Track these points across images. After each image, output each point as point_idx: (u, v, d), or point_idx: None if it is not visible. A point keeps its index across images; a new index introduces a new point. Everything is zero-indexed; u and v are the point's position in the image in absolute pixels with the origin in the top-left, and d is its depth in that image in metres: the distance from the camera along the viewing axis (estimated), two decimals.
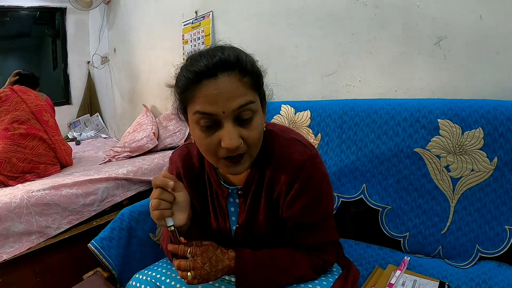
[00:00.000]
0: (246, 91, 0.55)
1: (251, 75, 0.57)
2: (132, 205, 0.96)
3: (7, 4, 2.75)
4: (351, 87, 1.22)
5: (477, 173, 0.81)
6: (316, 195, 0.64)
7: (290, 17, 1.37)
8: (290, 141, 0.65)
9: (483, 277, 0.74)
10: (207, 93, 0.53)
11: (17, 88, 1.71)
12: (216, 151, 0.57)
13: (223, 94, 0.53)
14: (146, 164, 1.61)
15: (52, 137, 1.70)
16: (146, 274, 0.70)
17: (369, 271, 0.85)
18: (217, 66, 0.54)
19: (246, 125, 0.56)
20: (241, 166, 0.59)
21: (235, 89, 0.54)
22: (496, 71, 0.90)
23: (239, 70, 0.55)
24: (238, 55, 0.56)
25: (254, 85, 0.57)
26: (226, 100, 0.53)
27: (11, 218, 1.16)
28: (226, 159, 0.57)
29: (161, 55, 2.20)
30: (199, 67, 0.54)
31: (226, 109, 0.53)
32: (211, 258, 0.61)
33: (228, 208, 0.71)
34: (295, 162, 0.62)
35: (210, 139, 0.56)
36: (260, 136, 0.59)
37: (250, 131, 0.56)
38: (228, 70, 0.54)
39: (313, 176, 0.62)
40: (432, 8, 0.99)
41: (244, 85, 0.55)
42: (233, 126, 0.54)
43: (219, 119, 0.54)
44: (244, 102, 0.54)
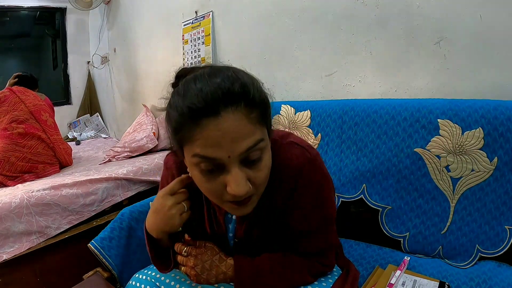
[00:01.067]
0: (254, 128, 0.47)
1: (260, 107, 0.49)
2: (132, 205, 0.96)
3: (7, 4, 2.75)
4: (351, 87, 1.22)
5: (477, 173, 0.81)
6: (317, 201, 0.61)
7: (290, 17, 1.37)
8: (288, 146, 0.61)
9: (483, 277, 0.74)
10: (208, 135, 0.45)
11: (15, 89, 1.71)
12: (220, 195, 0.51)
13: (227, 136, 0.45)
14: (146, 164, 1.61)
15: (51, 136, 1.71)
16: (146, 274, 0.70)
17: (369, 271, 0.85)
18: (219, 100, 0.45)
19: (254, 166, 0.50)
20: (249, 207, 0.54)
21: (242, 128, 0.46)
22: (496, 71, 0.90)
23: (246, 104, 0.46)
24: (243, 83, 0.47)
25: (263, 118, 0.49)
26: (232, 143, 0.46)
27: (11, 218, 1.16)
28: (232, 202, 0.51)
29: (161, 55, 2.20)
30: (196, 102, 0.45)
31: (232, 153, 0.46)
32: (204, 262, 0.59)
33: (225, 224, 0.66)
34: (294, 168, 0.58)
35: (212, 183, 0.50)
36: (268, 173, 0.53)
37: (258, 171, 0.50)
38: (233, 105, 0.45)
39: (313, 180, 0.59)
40: (432, 8, 0.99)
41: (252, 121, 0.47)
42: (240, 171, 0.48)
43: (224, 163, 0.47)
44: (252, 143, 0.47)
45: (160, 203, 0.59)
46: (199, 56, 1.85)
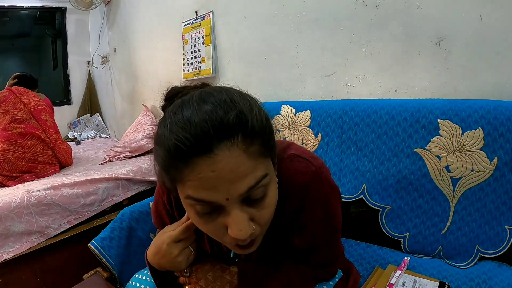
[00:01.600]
0: (255, 164, 0.41)
1: (261, 137, 0.41)
2: (132, 205, 0.96)
3: (7, 4, 2.75)
4: (351, 87, 1.22)
5: (477, 173, 0.81)
6: (324, 216, 0.57)
7: (290, 17, 1.37)
8: (290, 160, 0.55)
9: (483, 277, 0.74)
10: (200, 178, 0.39)
11: (15, 89, 1.71)
12: (221, 236, 0.45)
13: (224, 177, 0.39)
14: (146, 164, 1.61)
15: (51, 136, 1.70)
16: (146, 274, 0.70)
17: (369, 271, 0.85)
18: (211, 136, 0.38)
19: (258, 204, 0.43)
20: (253, 247, 0.48)
21: (241, 166, 0.39)
22: (496, 71, 0.90)
23: (244, 136, 0.39)
24: (239, 110, 0.40)
25: (265, 149, 0.42)
26: (230, 184, 0.39)
27: (11, 218, 1.16)
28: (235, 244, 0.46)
29: (161, 55, 2.20)
30: (183, 138, 0.38)
31: (231, 195, 0.40)
32: (207, 274, 0.57)
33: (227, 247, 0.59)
34: (299, 185, 0.53)
35: (211, 225, 0.44)
36: (274, 210, 0.47)
37: (262, 210, 0.44)
38: (228, 139, 0.38)
39: (320, 196, 0.55)
40: (432, 8, 0.99)
41: (252, 156, 0.40)
42: (241, 212, 0.42)
43: (222, 205, 0.42)
44: (254, 181, 0.41)
45: (164, 249, 0.54)
46: (199, 56, 1.85)
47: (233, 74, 1.70)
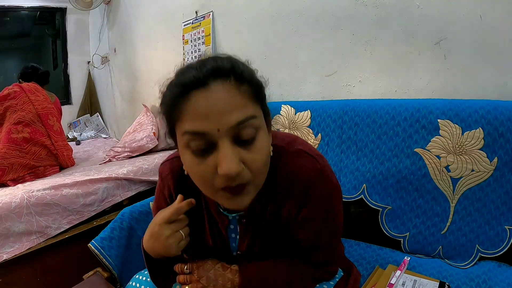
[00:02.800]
0: (245, 102, 0.45)
1: (250, 85, 0.47)
2: (132, 205, 0.96)
3: (7, 4, 2.75)
4: (351, 87, 1.22)
5: (477, 173, 0.81)
6: (327, 214, 0.58)
7: (290, 17, 1.37)
8: (296, 155, 0.56)
9: (483, 277, 0.74)
10: (196, 107, 0.44)
11: (26, 86, 1.67)
12: (212, 181, 0.46)
13: (216, 106, 0.43)
14: (146, 164, 1.61)
15: (56, 142, 1.69)
16: (146, 275, 0.70)
17: (369, 271, 0.85)
18: (208, 74, 0.44)
19: (248, 146, 0.46)
20: (245, 198, 0.48)
21: (232, 99, 0.44)
22: (496, 71, 0.90)
23: (235, 78, 0.45)
24: (233, 60, 0.48)
25: (256, 97, 0.48)
26: (221, 114, 0.43)
27: (11, 218, 1.16)
28: (225, 190, 0.47)
29: (161, 55, 2.20)
30: (186, 77, 0.45)
31: (221, 125, 0.43)
32: (208, 272, 0.58)
33: (228, 235, 0.62)
34: (304, 181, 0.54)
35: (204, 166, 0.46)
36: (267, 160, 0.49)
37: (253, 154, 0.46)
38: (222, 77, 0.45)
39: (323, 194, 0.56)
40: (432, 8, 0.99)
41: (242, 95, 0.45)
42: (231, 147, 0.44)
43: (214, 140, 0.44)
44: (243, 117, 0.44)
45: (157, 231, 0.55)
46: (200, 56, 1.84)
47: None
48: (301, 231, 0.58)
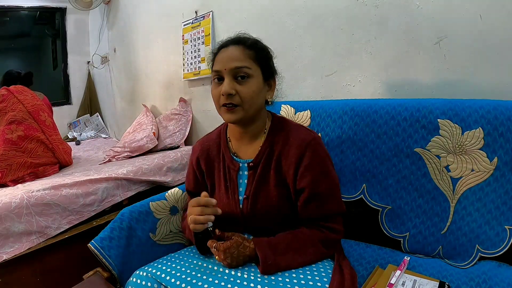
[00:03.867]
0: (245, 59, 0.73)
1: (254, 50, 0.75)
2: (132, 205, 0.96)
3: (7, 4, 2.75)
4: (351, 87, 1.22)
5: (477, 173, 0.81)
6: (323, 169, 0.75)
7: (290, 17, 1.37)
8: (297, 125, 0.81)
9: (483, 277, 0.74)
10: (219, 57, 0.76)
11: (13, 88, 1.69)
12: (218, 99, 0.74)
13: (227, 57, 0.74)
14: (146, 164, 1.61)
15: (50, 136, 1.70)
16: (147, 271, 0.71)
17: (369, 271, 0.85)
18: (230, 41, 0.78)
19: (241, 82, 0.73)
20: (234, 115, 0.73)
21: (237, 55, 0.73)
22: (496, 71, 0.90)
23: (244, 45, 0.75)
24: (246, 36, 0.79)
25: (256, 58, 0.75)
26: (228, 61, 0.73)
27: (11, 218, 1.16)
28: (224, 106, 0.73)
29: (161, 55, 2.20)
30: (221, 42, 0.80)
31: (227, 67, 0.73)
32: (232, 254, 0.69)
33: (238, 180, 0.81)
34: (303, 140, 0.75)
35: (216, 90, 0.75)
36: (253, 95, 0.73)
37: (243, 87, 0.72)
38: (237, 44, 0.75)
39: (318, 152, 0.75)
40: (432, 8, 0.99)
41: (245, 55, 0.73)
42: (230, 80, 0.72)
43: (223, 75, 0.73)
44: (240, 65, 0.72)
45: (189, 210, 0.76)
46: (199, 56, 1.85)
47: None
48: (302, 180, 0.74)
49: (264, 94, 0.78)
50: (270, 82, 0.81)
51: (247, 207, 0.78)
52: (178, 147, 1.91)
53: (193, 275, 0.68)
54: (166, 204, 0.99)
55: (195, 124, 2.02)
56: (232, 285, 0.64)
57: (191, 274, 0.68)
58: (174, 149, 1.88)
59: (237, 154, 0.83)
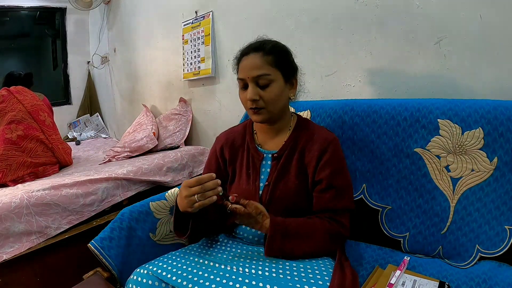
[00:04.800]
0: (264, 65, 0.79)
1: (273, 54, 0.80)
2: (132, 205, 0.96)
3: (7, 4, 2.75)
4: (351, 87, 1.22)
5: (477, 173, 0.81)
6: (341, 165, 0.83)
7: (290, 17, 1.37)
8: (320, 126, 0.90)
9: (483, 277, 0.74)
10: (242, 65, 0.82)
11: (13, 89, 1.70)
12: (246, 103, 0.83)
13: (249, 65, 0.80)
14: (146, 164, 1.61)
15: (49, 136, 1.70)
16: (148, 269, 0.71)
17: (369, 271, 0.85)
18: (250, 48, 0.82)
19: (264, 88, 0.80)
20: (260, 116, 0.82)
21: (257, 63, 0.79)
22: (496, 71, 0.90)
23: (264, 52, 0.80)
24: (265, 42, 0.83)
25: (275, 62, 0.80)
26: (250, 70, 0.79)
27: (11, 218, 1.16)
28: (251, 109, 0.82)
29: (161, 55, 2.20)
30: (242, 49, 0.85)
31: (249, 75, 0.80)
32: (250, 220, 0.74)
33: (260, 169, 0.87)
34: (326, 138, 0.83)
35: (243, 95, 0.83)
36: (275, 98, 0.80)
37: (265, 93, 0.80)
38: (256, 51, 0.80)
39: (338, 150, 0.83)
40: (432, 8, 0.99)
41: (264, 61, 0.79)
42: (253, 87, 0.80)
43: (247, 83, 0.81)
44: (260, 73, 0.79)
45: (180, 189, 0.74)
46: (199, 56, 1.85)
47: (233, 74, 1.70)
48: (322, 172, 0.81)
49: (286, 93, 0.85)
50: (291, 81, 0.86)
51: (266, 193, 0.83)
52: (178, 147, 1.91)
53: (194, 272, 0.68)
54: (166, 204, 0.99)
55: (195, 124, 2.02)
56: (234, 282, 0.64)
57: (192, 271, 0.68)
58: (174, 149, 1.88)
59: (261, 145, 0.90)
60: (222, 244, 0.84)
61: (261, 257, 0.76)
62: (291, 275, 0.67)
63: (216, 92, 1.83)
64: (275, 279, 0.65)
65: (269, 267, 0.70)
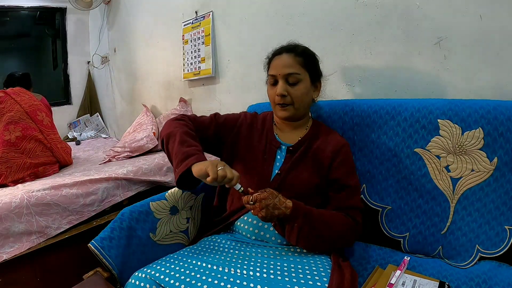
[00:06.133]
0: (295, 65, 0.86)
1: (303, 57, 0.87)
2: (132, 205, 0.96)
3: (7, 4, 2.75)
4: (351, 87, 1.22)
5: (477, 173, 0.81)
6: (352, 168, 0.89)
7: (290, 17, 1.37)
8: (333, 131, 0.96)
9: (483, 277, 0.74)
10: (274, 63, 0.89)
11: (10, 90, 1.70)
12: (273, 98, 0.89)
13: (281, 64, 0.87)
14: (146, 164, 1.61)
15: (48, 136, 1.70)
16: (146, 272, 0.70)
17: (369, 271, 0.85)
18: (283, 49, 0.90)
19: (292, 86, 0.86)
20: (286, 112, 0.88)
21: (289, 62, 0.86)
22: (496, 71, 0.90)
23: (295, 54, 0.87)
24: (297, 45, 0.91)
25: (304, 64, 0.87)
26: (282, 68, 0.86)
27: (11, 218, 1.16)
28: (278, 105, 0.88)
29: (161, 55, 2.20)
30: (276, 50, 0.92)
31: (280, 72, 0.86)
32: (268, 205, 0.73)
33: (276, 156, 0.91)
34: (339, 141, 0.90)
35: (272, 90, 0.89)
36: (302, 97, 0.87)
37: (294, 90, 0.86)
38: (288, 52, 0.88)
39: (349, 153, 0.90)
40: (432, 8, 0.99)
41: (295, 61, 0.86)
42: (283, 83, 0.86)
43: (277, 79, 0.87)
44: (291, 71, 0.85)
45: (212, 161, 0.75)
46: (199, 56, 1.85)
47: (233, 74, 1.70)
48: (336, 171, 0.86)
49: (311, 94, 0.90)
50: (316, 84, 0.92)
51: (277, 182, 0.86)
52: None
53: (192, 275, 0.68)
54: (166, 204, 0.99)
55: None
56: (232, 285, 0.64)
57: (190, 274, 0.68)
58: None
59: (278, 136, 0.95)
60: (220, 246, 0.84)
61: (260, 258, 0.76)
62: (289, 276, 0.67)
63: (216, 92, 1.83)
64: (273, 280, 0.66)
65: (267, 268, 0.70)
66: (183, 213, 1.01)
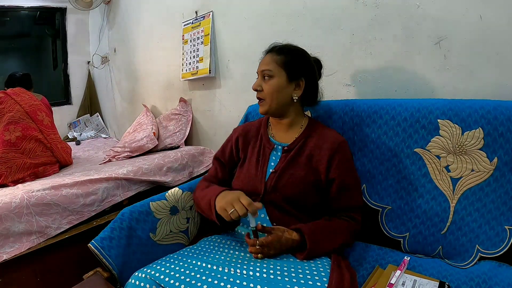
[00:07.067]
0: (271, 63, 0.89)
1: (281, 55, 0.89)
2: (132, 205, 0.96)
3: (7, 4, 2.75)
4: (351, 87, 1.22)
5: (477, 173, 0.81)
6: (351, 166, 0.89)
7: (290, 17, 1.37)
8: (329, 128, 0.96)
9: (483, 277, 0.74)
10: (261, 61, 0.93)
11: (10, 91, 1.70)
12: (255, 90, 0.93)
13: (263, 63, 0.92)
14: (146, 164, 1.61)
15: (48, 136, 1.70)
16: (146, 272, 0.70)
17: (369, 271, 0.85)
18: (269, 49, 0.94)
19: (266, 81, 0.90)
20: (261, 107, 0.92)
21: (266, 60, 0.91)
22: (496, 71, 0.90)
23: (274, 51, 0.91)
24: (279, 45, 0.93)
25: (282, 62, 0.89)
26: (260, 65, 0.92)
27: (11, 218, 1.16)
28: (257, 98, 0.93)
29: (161, 55, 2.20)
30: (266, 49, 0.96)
31: (260, 70, 0.92)
32: (274, 247, 0.77)
33: (270, 157, 0.93)
34: (336, 139, 0.89)
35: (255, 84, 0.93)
36: (272, 92, 0.89)
37: (266, 85, 0.90)
38: (270, 51, 0.93)
39: (347, 151, 0.89)
40: (432, 8, 0.99)
41: (272, 59, 0.90)
42: (260, 79, 0.92)
43: (258, 75, 0.93)
44: (265, 68, 0.90)
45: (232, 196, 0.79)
46: (198, 56, 1.85)
47: (233, 74, 1.70)
48: (334, 171, 0.85)
49: (288, 92, 0.90)
50: (298, 82, 0.91)
51: (272, 180, 0.88)
52: (178, 147, 1.91)
53: (192, 275, 0.68)
54: (166, 204, 0.99)
55: (195, 124, 2.02)
56: (232, 285, 0.64)
57: (190, 275, 0.68)
58: (174, 149, 1.88)
59: (274, 137, 0.96)
60: (220, 246, 0.84)
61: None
62: (289, 276, 0.67)
63: (216, 92, 1.83)
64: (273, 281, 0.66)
65: (267, 268, 0.70)
66: (183, 213, 1.01)
